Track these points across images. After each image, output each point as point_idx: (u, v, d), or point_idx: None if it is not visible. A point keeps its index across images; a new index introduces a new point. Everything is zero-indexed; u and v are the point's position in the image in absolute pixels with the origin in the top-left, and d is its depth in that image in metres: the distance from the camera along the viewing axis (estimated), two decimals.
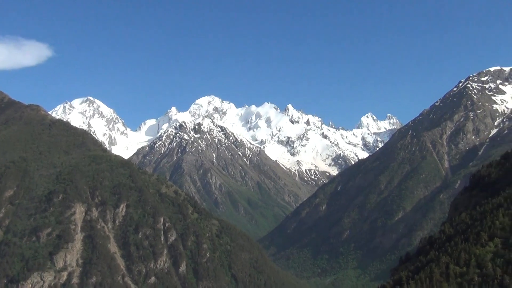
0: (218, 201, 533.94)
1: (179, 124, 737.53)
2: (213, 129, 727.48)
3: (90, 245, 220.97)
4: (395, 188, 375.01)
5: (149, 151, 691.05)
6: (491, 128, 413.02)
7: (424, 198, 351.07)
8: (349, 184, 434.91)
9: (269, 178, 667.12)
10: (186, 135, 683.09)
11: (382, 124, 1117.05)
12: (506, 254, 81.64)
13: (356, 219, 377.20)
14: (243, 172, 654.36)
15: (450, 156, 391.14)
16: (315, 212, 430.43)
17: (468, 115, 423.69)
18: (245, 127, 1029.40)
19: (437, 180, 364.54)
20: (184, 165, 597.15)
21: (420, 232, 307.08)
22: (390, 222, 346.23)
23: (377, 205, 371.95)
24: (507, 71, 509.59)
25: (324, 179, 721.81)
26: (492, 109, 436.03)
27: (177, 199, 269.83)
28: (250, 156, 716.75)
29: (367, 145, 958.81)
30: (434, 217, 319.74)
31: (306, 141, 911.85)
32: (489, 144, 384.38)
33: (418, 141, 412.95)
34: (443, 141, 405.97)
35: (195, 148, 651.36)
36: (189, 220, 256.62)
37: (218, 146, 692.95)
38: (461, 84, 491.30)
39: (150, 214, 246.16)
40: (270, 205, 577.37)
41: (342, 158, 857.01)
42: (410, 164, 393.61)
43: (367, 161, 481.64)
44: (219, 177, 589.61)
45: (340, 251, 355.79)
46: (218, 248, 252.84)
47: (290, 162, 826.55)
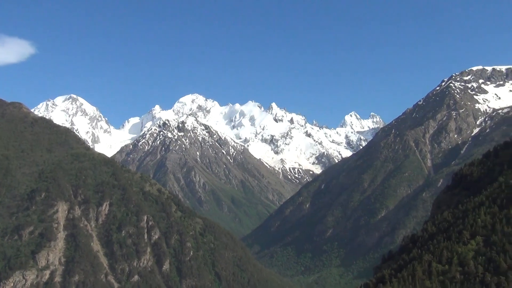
0: (201, 199, 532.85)
1: (163, 122, 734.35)
2: (197, 128, 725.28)
3: (72, 243, 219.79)
4: (378, 187, 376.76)
5: (133, 149, 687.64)
6: (473, 127, 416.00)
7: (407, 197, 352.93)
8: (333, 183, 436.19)
9: (253, 176, 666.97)
10: (170, 133, 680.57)
11: (366, 123, 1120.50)
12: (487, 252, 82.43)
13: (339, 217, 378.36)
14: (227, 171, 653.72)
15: (432, 155, 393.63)
16: (298, 210, 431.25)
17: (450, 114, 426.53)
18: (229, 125, 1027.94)
19: (420, 179, 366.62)
20: (168, 164, 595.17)
21: (403, 230, 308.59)
22: (373, 221, 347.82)
23: (360, 204, 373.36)
24: (489, 71, 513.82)
25: (307, 178, 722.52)
26: (474, 108, 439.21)
27: (160, 197, 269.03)
28: (234, 154, 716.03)
29: (351, 143, 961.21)
30: (417, 215, 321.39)
31: (290, 139, 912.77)
32: (471, 143, 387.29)
33: (401, 140, 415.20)
34: (426, 140, 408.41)
35: (178, 146, 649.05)
36: (172, 219, 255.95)
37: (202, 145, 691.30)
38: (444, 83, 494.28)
39: (134, 213, 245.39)
40: (253, 203, 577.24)
41: (325, 157, 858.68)
42: (393, 162, 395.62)
43: (351, 160, 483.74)
44: (203, 175, 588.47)
45: (324, 249, 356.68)
46: (202, 247, 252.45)
47: (274, 160, 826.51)
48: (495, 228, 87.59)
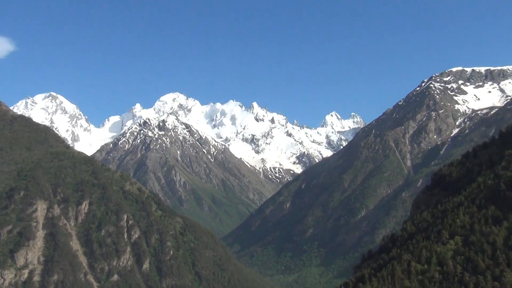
0: (182, 198, 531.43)
1: (144, 121, 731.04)
2: (178, 126, 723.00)
3: (52, 242, 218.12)
4: (359, 187, 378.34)
5: (113, 148, 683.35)
6: (452, 128, 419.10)
7: (386, 197, 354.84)
8: (313, 182, 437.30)
9: (234, 175, 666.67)
10: (151, 132, 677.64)
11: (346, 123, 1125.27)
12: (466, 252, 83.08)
13: (319, 217, 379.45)
14: (208, 170, 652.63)
15: (412, 155, 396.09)
16: (279, 210, 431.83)
17: (430, 114, 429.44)
18: (210, 124, 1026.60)
19: (400, 179, 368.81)
20: (148, 162, 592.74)
21: (383, 230, 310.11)
22: (353, 220, 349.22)
23: (340, 203, 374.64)
24: (469, 72, 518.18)
25: (288, 177, 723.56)
26: (454, 109, 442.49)
27: (140, 196, 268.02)
28: (215, 153, 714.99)
29: (331, 143, 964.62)
30: (397, 215, 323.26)
31: (271, 139, 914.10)
32: (451, 143, 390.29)
33: (381, 140, 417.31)
34: (406, 140, 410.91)
35: (159, 145, 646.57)
36: (152, 218, 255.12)
37: (183, 144, 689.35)
38: (424, 84, 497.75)
39: (114, 212, 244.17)
40: (234, 202, 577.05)
41: (306, 156, 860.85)
42: (373, 162, 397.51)
43: (331, 160, 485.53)
44: (183, 174, 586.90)
45: (304, 248, 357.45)
46: (182, 246, 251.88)
47: (254, 160, 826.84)
48: (474, 228, 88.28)
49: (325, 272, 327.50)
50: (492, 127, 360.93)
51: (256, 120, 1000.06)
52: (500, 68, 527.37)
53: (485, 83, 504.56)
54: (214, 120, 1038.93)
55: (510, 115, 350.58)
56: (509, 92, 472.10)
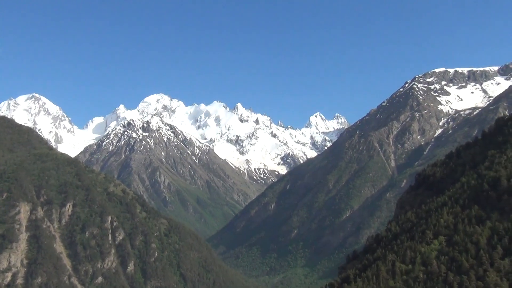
0: (166, 200, 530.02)
1: (127, 122, 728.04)
2: (162, 128, 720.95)
3: (35, 245, 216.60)
4: (343, 187, 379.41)
5: (97, 149, 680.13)
6: (436, 128, 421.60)
7: (371, 197, 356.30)
8: (298, 183, 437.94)
9: (218, 177, 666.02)
10: (135, 133, 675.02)
11: (331, 123, 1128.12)
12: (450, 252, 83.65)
13: (304, 217, 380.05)
14: (192, 171, 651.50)
15: (396, 156, 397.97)
16: (264, 211, 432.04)
17: (414, 115, 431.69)
18: (194, 125, 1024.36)
19: (384, 179, 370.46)
20: (133, 164, 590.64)
21: (367, 230, 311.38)
22: (338, 221, 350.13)
23: (325, 204, 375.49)
24: (452, 73, 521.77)
25: (273, 178, 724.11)
26: (437, 109, 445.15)
27: (125, 198, 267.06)
28: (199, 154, 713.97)
29: (316, 144, 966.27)
30: (381, 215, 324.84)
31: (255, 140, 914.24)
32: (434, 144, 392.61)
33: (366, 140, 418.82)
34: (390, 141, 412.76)
35: (143, 147, 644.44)
36: (137, 219, 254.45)
37: (167, 145, 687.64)
38: (407, 85, 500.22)
39: (98, 213, 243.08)
40: (219, 204, 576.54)
41: (291, 157, 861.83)
42: (357, 163, 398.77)
43: (316, 160, 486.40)
44: (168, 175, 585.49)
45: (289, 249, 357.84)
46: (167, 248, 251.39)
47: (239, 161, 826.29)
48: (458, 228, 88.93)
49: (310, 273, 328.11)
50: (475, 128, 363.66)
51: (240, 121, 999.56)
52: (482, 69, 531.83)
53: (468, 84, 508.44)
54: (199, 121, 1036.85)
55: (492, 116, 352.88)
56: (491, 93, 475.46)
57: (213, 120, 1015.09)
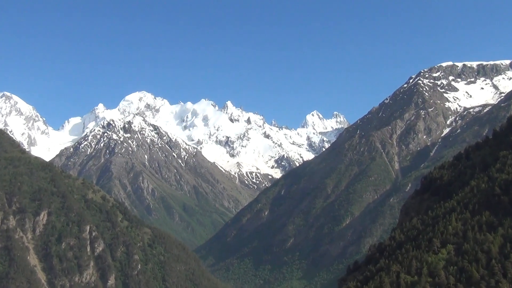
0: (150, 207, 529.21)
1: (107, 122, 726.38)
2: (145, 128, 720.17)
3: (7, 257, 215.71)
4: (343, 192, 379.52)
5: (74, 152, 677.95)
6: (443, 127, 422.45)
7: (373, 203, 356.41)
8: (293, 188, 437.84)
9: (207, 181, 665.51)
10: (115, 135, 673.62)
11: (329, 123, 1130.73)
12: (459, 262, 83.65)
13: (301, 225, 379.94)
14: (178, 176, 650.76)
15: (400, 157, 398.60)
16: (256, 218, 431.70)
17: (419, 113, 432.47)
18: (180, 126, 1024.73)
19: (387, 183, 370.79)
20: (113, 168, 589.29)
21: (369, 239, 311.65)
22: (337, 229, 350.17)
23: (323, 210, 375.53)
24: (460, 67, 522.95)
25: (266, 183, 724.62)
26: (444, 107, 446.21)
27: (105, 205, 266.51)
28: (186, 157, 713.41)
29: (313, 145, 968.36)
30: (384, 222, 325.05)
31: (247, 141, 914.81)
32: (441, 144, 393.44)
33: (367, 141, 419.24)
34: (393, 141, 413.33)
35: (125, 149, 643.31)
36: (118, 229, 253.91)
37: (151, 147, 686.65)
38: (411, 81, 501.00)
39: (75, 223, 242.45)
40: (207, 211, 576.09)
41: (285, 160, 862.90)
42: (358, 166, 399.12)
43: (313, 163, 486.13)
44: (151, 181, 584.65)
45: (284, 260, 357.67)
46: (151, 259, 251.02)
47: (229, 164, 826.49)
48: (467, 236, 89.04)
49: (307, 286, 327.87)
50: (485, 126, 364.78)
51: (230, 120, 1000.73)
52: (493, 62, 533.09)
53: (477, 79, 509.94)
54: (185, 121, 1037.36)
55: (504, 113, 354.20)
56: (502, 88, 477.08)
57: (201, 119, 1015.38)
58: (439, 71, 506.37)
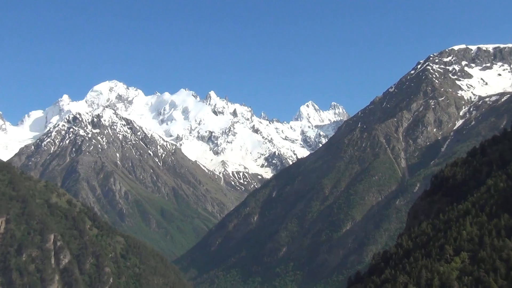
0: (123, 212, 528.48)
1: (73, 116, 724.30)
2: (116, 123, 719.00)
3: None
4: (342, 194, 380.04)
5: (35, 150, 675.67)
6: (455, 119, 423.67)
7: (377, 205, 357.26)
8: (286, 189, 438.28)
9: (188, 183, 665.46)
10: (82, 130, 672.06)
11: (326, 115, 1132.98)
12: (475, 271, 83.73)
13: (295, 232, 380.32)
14: (155, 176, 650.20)
15: (407, 154, 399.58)
16: (244, 224, 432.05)
17: (428, 103, 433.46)
18: (156, 119, 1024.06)
19: (393, 183, 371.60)
20: (80, 168, 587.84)
21: (373, 246, 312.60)
22: (337, 235, 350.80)
23: (320, 215, 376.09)
24: (474, 51, 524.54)
25: (255, 183, 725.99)
26: (456, 96, 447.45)
27: (71, 211, 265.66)
28: (164, 156, 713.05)
29: (308, 140, 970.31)
30: (389, 228, 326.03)
31: (233, 136, 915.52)
32: (454, 138, 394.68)
33: (369, 135, 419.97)
34: (399, 135, 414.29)
35: (93, 147, 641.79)
36: (86, 238, 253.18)
37: (123, 144, 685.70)
38: (419, 66, 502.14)
39: (37, 231, 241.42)
40: (189, 216, 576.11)
41: (277, 157, 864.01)
42: (359, 163, 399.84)
43: (308, 161, 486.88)
44: (124, 182, 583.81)
45: (276, 272, 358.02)
46: (124, 272, 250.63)
47: (213, 162, 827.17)
48: (484, 242, 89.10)
49: None
50: (503, 118, 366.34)
51: (214, 113, 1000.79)
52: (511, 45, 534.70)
53: (494, 64, 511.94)
54: (162, 114, 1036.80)
55: None
56: None
57: (180, 112, 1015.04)
58: (450, 55, 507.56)
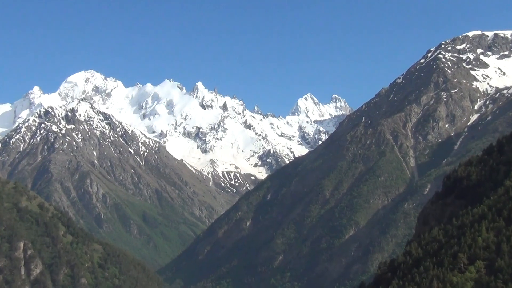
0: (101, 217, 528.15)
1: (45, 110, 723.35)
2: (93, 117, 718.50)
3: None
4: (345, 196, 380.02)
5: (2, 148, 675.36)
6: (470, 114, 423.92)
7: (383, 209, 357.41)
8: (283, 191, 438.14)
9: (173, 184, 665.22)
10: (55, 126, 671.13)
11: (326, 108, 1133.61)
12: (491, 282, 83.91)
13: (292, 238, 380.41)
14: (136, 177, 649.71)
15: (417, 152, 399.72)
16: (236, 230, 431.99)
17: (440, 96, 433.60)
18: (138, 113, 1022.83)
19: (400, 184, 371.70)
20: (53, 168, 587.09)
21: (379, 254, 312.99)
22: (339, 242, 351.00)
23: (320, 220, 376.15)
24: (490, 37, 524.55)
25: (248, 185, 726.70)
26: (471, 88, 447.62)
27: (43, 216, 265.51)
28: (146, 154, 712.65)
29: (306, 137, 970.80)
30: (397, 234, 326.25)
31: (223, 132, 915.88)
32: (468, 134, 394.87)
33: (375, 131, 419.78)
34: (408, 132, 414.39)
35: (67, 144, 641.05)
36: (60, 245, 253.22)
37: (101, 141, 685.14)
38: (430, 55, 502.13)
39: (5, 238, 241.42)
40: (174, 221, 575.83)
41: (272, 156, 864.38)
42: (364, 163, 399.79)
43: (307, 160, 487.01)
44: (102, 184, 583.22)
45: (272, 283, 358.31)
46: (102, 283, 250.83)
47: (201, 161, 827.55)
48: (501, 249, 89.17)
49: None
50: None
51: (202, 106, 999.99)
52: None
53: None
54: (144, 107, 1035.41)
55: None
56: None
57: (164, 106, 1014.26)
58: (464, 42, 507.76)
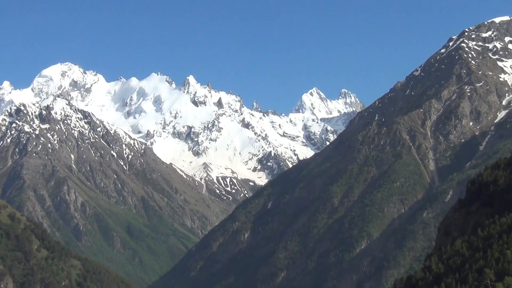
0: (80, 229, 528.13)
1: (16, 108, 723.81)
2: (71, 116, 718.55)
3: None
4: (356, 204, 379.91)
5: None
6: (497, 110, 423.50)
7: (399, 219, 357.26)
8: (285, 199, 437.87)
9: (161, 191, 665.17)
10: (28, 126, 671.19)
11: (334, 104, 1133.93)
12: None
13: (296, 252, 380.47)
14: (119, 183, 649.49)
15: (437, 154, 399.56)
16: (233, 243, 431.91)
17: (463, 90, 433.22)
18: (121, 111, 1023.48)
19: (419, 191, 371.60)
20: (25, 174, 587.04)
21: (394, 270, 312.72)
22: (349, 257, 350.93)
23: (328, 231, 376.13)
24: None
25: (246, 192, 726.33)
26: (498, 80, 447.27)
27: (14, 228, 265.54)
28: (131, 157, 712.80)
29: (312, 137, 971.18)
30: (415, 247, 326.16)
31: (218, 132, 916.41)
32: (495, 134, 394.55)
33: (389, 131, 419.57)
34: (427, 131, 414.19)
35: (42, 146, 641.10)
36: (34, 261, 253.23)
37: (79, 143, 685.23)
38: (452, 44, 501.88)
39: None
40: (162, 233, 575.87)
41: (273, 159, 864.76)
42: (377, 166, 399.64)
43: (312, 163, 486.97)
44: (81, 191, 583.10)
45: None
46: None
47: (193, 165, 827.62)
48: None
49: None
50: None
51: (194, 103, 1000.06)
52: None
53: None
54: (128, 104, 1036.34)
55: None
56: None
57: (151, 102, 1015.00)
58: (490, 30, 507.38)
